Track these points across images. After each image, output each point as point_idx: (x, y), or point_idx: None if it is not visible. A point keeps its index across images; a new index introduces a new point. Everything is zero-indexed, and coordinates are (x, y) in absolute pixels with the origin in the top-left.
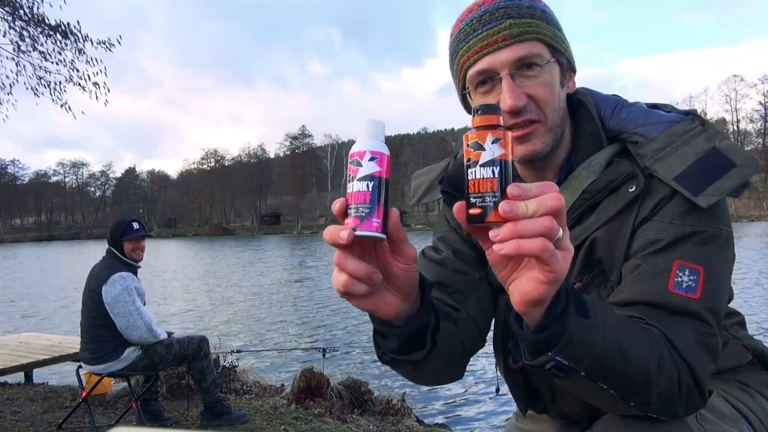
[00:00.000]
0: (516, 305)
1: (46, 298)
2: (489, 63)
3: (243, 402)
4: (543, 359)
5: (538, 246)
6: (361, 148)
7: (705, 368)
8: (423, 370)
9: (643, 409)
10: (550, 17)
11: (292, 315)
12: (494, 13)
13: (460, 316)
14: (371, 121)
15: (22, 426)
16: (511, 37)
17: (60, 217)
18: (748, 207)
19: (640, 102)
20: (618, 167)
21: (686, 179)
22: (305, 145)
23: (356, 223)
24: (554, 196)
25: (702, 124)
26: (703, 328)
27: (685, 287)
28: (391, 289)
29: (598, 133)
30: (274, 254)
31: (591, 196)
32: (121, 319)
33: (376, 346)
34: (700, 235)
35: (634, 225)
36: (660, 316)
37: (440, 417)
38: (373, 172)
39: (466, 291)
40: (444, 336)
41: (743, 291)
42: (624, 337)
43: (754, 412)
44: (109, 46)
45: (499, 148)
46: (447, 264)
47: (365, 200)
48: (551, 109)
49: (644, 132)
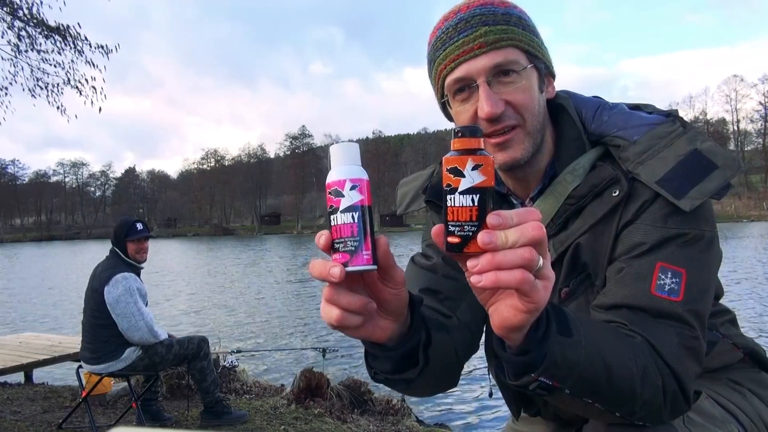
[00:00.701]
0: (496, 330)
1: (46, 298)
2: (466, 71)
3: (243, 402)
4: (526, 380)
5: (517, 278)
6: (340, 177)
7: (689, 372)
8: (417, 385)
9: (628, 418)
10: (527, 23)
11: (292, 315)
12: (469, 20)
13: (452, 323)
14: (345, 146)
15: (22, 426)
16: (487, 45)
17: (60, 217)
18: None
19: (621, 104)
20: (601, 171)
21: (668, 182)
22: (305, 145)
23: (346, 259)
24: (535, 225)
25: (683, 126)
26: (686, 331)
27: (667, 290)
28: (382, 313)
29: (581, 137)
30: (274, 254)
31: (575, 201)
32: (123, 320)
33: (369, 367)
34: (683, 237)
35: (617, 229)
36: (643, 319)
37: (440, 417)
38: (355, 201)
39: (457, 297)
40: (436, 349)
41: (745, 291)
42: (607, 350)
43: (745, 412)
44: (107, 52)
45: (479, 175)
46: (437, 270)
47: (352, 233)
48: (530, 113)
49: (626, 135)
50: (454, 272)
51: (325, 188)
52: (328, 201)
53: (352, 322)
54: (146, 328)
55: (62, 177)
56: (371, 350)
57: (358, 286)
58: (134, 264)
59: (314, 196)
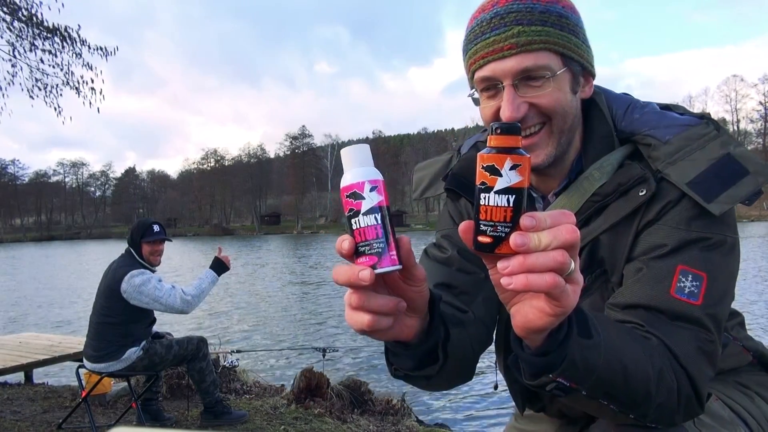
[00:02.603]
0: (517, 329)
1: (46, 298)
2: (492, 70)
3: (243, 402)
4: (544, 380)
5: (548, 282)
6: (358, 179)
7: (704, 376)
8: (437, 381)
9: (641, 420)
10: (567, 21)
11: (293, 315)
12: (504, 17)
13: (467, 317)
14: (358, 148)
15: (22, 426)
16: (518, 46)
17: (60, 217)
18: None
19: (652, 102)
20: (629, 170)
21: (699, 185)
22: (305, 145)
23: (374, 261)
24: (569, 229)
25: (717, 129)
26: (703, 335)
27: (687, 293)
28: (407, 312)
29: (611, 134)
30: (274, 254)
31: (600, 199)
32: (155, 304)
33: (389, 363)
34: (706, 241)
35: (638, 227)
36: (660, 321)
37: (440, 417)
38: (377, 203)
39: (472, 291)
40: (454, 344)
41: (748, 292)
42: (625, 353)
43: (753, 415)
44: (106, 54)
45: (516, 175)
46: (452, 263)
47: (377, 235)
48: (557, 115)
49: (658, 135)
50: (470, 266)
51: (341, 192)
52: (347, 205)
53: (383, 324)
54: (177, 302)
55: (62, 177)
56: (393, 348)
57: (381, 288)
58: (148, 266)
59: (314, 196)
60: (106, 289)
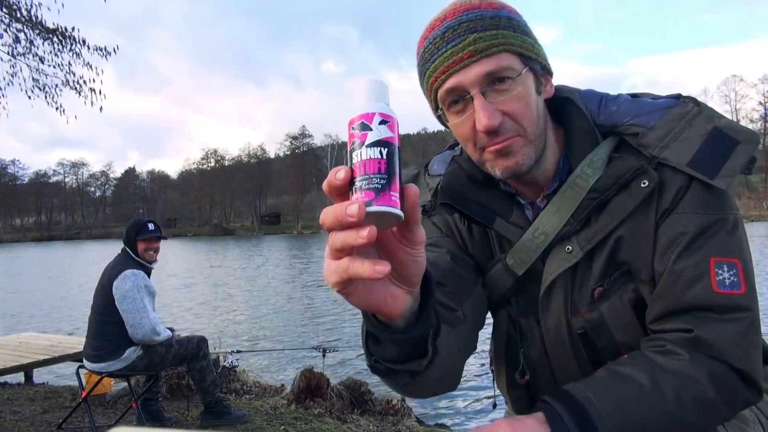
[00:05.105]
0: None
1: (46, 298)
2: (457, 81)
3: (243, 402)
4: None
5: None
6: (368, 110)
7: (756, 365)
8: (421, 381)
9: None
10: (518, 24)
11: (293, 315)
12: (456, 28)
13: (456, 317)
14: (374, 81)
15: (22, 426)
16: (477, 53)
17: (60, 217)
18: (748, 207)
19: (623, 93)
20: (624, 162)
21: (699, 163)
22: (305, 145)
23: (370, 197)
24: None
25: (697, 104)
26: (752, 316)
27: (729, 284)
28: (396, 279)
29: (593, 130)
30: (274, 254)
31: (598, 195)
32: (129, 316)
33: (368, 354)
34: (723, 223)
35: (656, 219)
36: (709, 320)
37: (440, 417)
38: (385, 137)
39: (462, 292)
40: (444, 341)
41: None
42: (637, 411)
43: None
44: (106, 54)
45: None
46: (443, 263)
47: (379, 169)
48: (529, 121)
49: (641, 122)
50: (459, 268)
51: (348, 126)
52: (351, 137)
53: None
54: (150, 326)
55: (62, 177)
56: (375, 330)
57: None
58: (144, 264)
59: (314, 196)
60: (103, 288)
